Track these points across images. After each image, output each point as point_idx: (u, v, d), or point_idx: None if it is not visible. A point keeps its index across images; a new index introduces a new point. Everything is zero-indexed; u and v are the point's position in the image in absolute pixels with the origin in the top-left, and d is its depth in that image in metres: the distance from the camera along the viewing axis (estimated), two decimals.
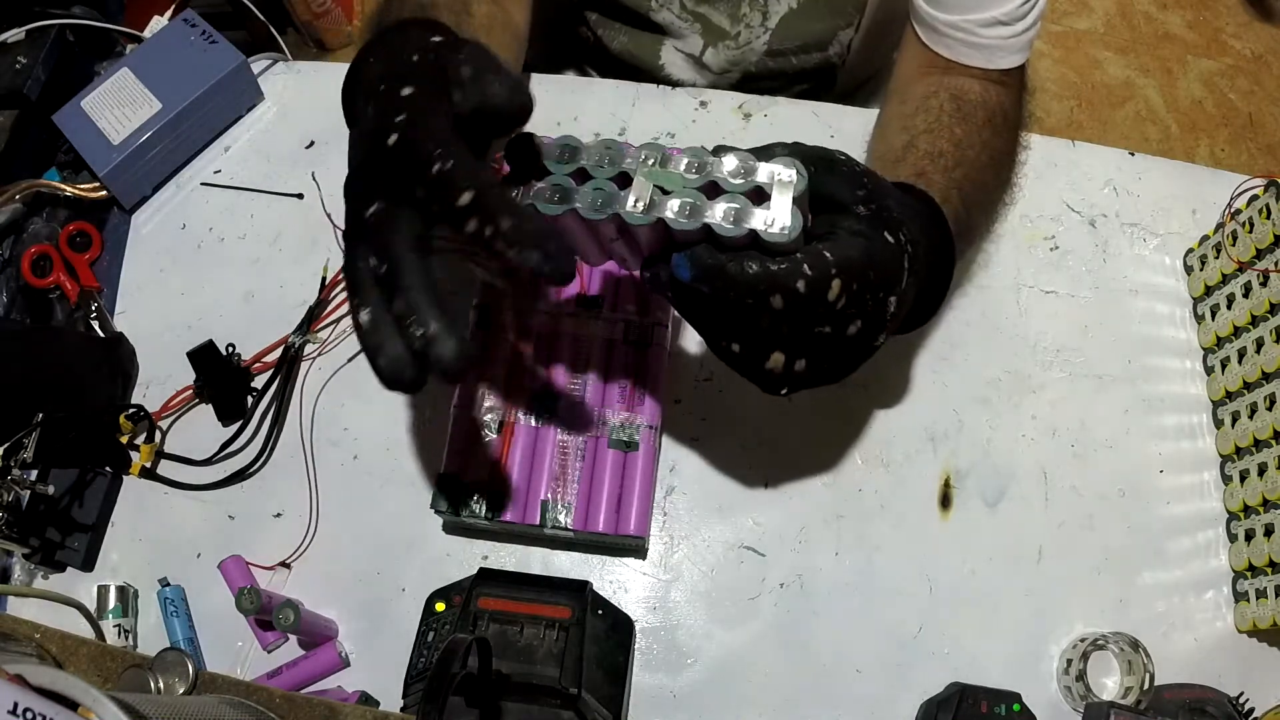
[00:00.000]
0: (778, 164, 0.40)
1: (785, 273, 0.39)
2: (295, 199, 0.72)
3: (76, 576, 0.60)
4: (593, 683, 0.51)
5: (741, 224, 0.39)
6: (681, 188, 0.40)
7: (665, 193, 0.40)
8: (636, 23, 0.77)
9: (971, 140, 0.57)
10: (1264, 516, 0.59)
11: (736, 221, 0.39)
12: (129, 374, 0.66)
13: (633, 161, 0.41)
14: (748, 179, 0.40)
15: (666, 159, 0.40)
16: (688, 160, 0.40)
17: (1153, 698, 0.56)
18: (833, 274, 0.40)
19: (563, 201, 0.40)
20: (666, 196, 0.40)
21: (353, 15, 1.78)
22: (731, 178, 0.40)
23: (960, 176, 0.54)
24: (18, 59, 0.69)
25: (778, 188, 0.40)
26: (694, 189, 0.40)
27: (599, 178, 0.41)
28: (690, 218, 0.39)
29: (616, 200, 0.40)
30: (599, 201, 0.40)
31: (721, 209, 0.39)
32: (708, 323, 0.44)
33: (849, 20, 0.77)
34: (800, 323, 0.41)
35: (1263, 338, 0.61)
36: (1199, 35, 1.87)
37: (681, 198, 0.40)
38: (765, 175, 0.40)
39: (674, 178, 0.40)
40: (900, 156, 0.55)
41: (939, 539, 0.62)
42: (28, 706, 0.28)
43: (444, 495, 0.57)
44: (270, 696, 0.42)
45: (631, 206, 0.40)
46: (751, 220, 0.39)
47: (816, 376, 0.45)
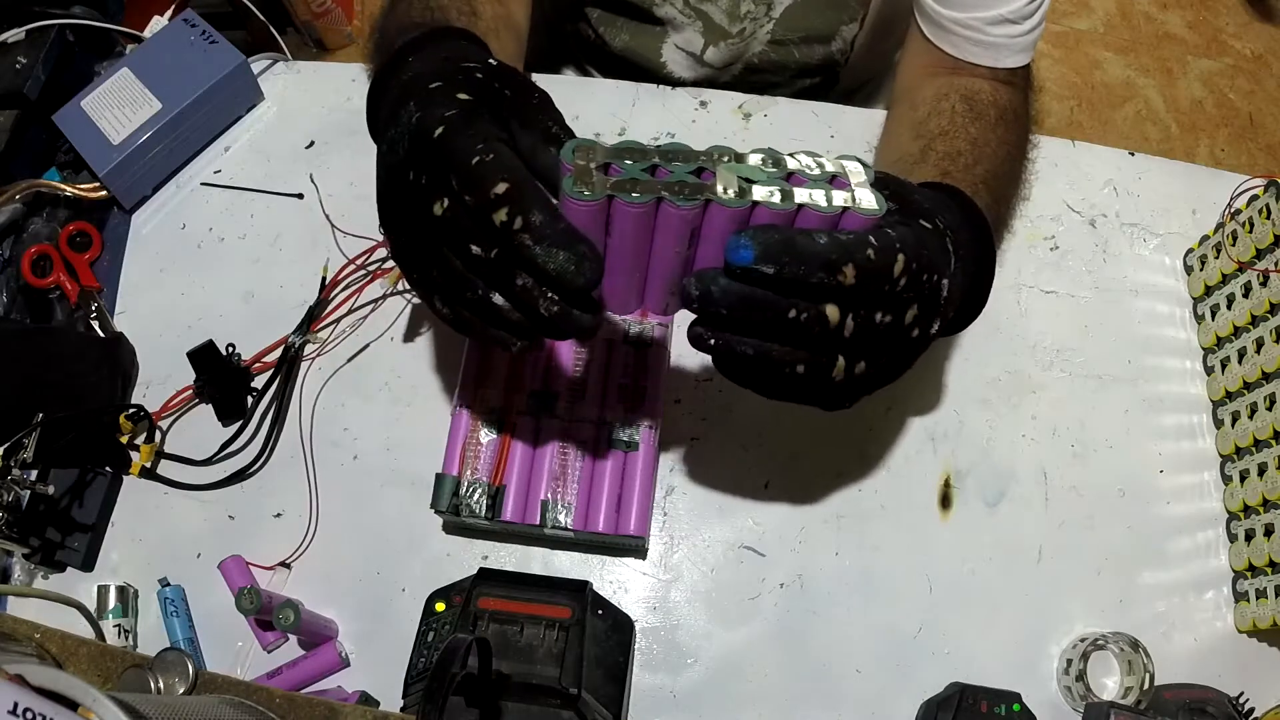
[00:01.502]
0: (845, 158, 0.42)
1: (855, 242, 0.38)
2: (295, 199, 0.72)
3: (76, 576, 0.60)
4: (593, 683, 0.51)
5: (834, 203, 0.39)
6: (766, 178, 0.39)
7: (750, 182, 0.39)
8: (639, 17, 0.77)
9: (987, 139, 0.57)
10: (1264, 516, 0.59)
11: (829, 201, 0.39)
12: (129, 374, 0.66)
13: (706, 158, 0.40)
14: (822, 170, 0.41)
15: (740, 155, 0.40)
16: (761, 156, 0.40)
17: (1153, 698, 0.56)
18: (897, 247, 0.39)
19: (646, 192, 0.38)
20: (753, 184, 0.39)
21: (352, 15, 1.78)
22: (810, 169, 0.41)
23: (982, 172, 0.54)
24: (18, 59, 0.69)
25: (852, 175, 0.41)
26: (778, 178, 0.40)
27: (677, 173, 0.39)
28: (784, 200, 0.39)
29: (706, 189, 0.38)
30: (688, 190, 0.38)
31: (810, 191, 0.39)
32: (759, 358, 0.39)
33: (853, 15, 0.77)
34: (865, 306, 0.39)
35: (1263, 338, 0.61)
36: (1199, 35, 1.87)
37: (767, 184, 0.39)
38: (836, 166, 0.41)
39: (755, 170, 0.40)
40: (919, 159, 0.55)
41: (939, 539, 0.62)
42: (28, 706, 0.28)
43: (444, 495, 0.57)
44: (270, 696, 0.42)
45: (723, 193, 0.38)
46: (839, 199, 0.39)
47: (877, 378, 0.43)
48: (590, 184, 0.37)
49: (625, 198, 0.38)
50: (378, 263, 0.67)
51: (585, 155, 0.38)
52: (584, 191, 0.37)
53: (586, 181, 0.38)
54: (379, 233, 0.66)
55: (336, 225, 0.68)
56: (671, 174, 0.39)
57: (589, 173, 0.38)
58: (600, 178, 0.38)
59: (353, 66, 0.78)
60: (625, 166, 0.39)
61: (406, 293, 0.68)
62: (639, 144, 0.40)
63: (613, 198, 0.38)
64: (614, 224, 0.39)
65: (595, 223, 0.39)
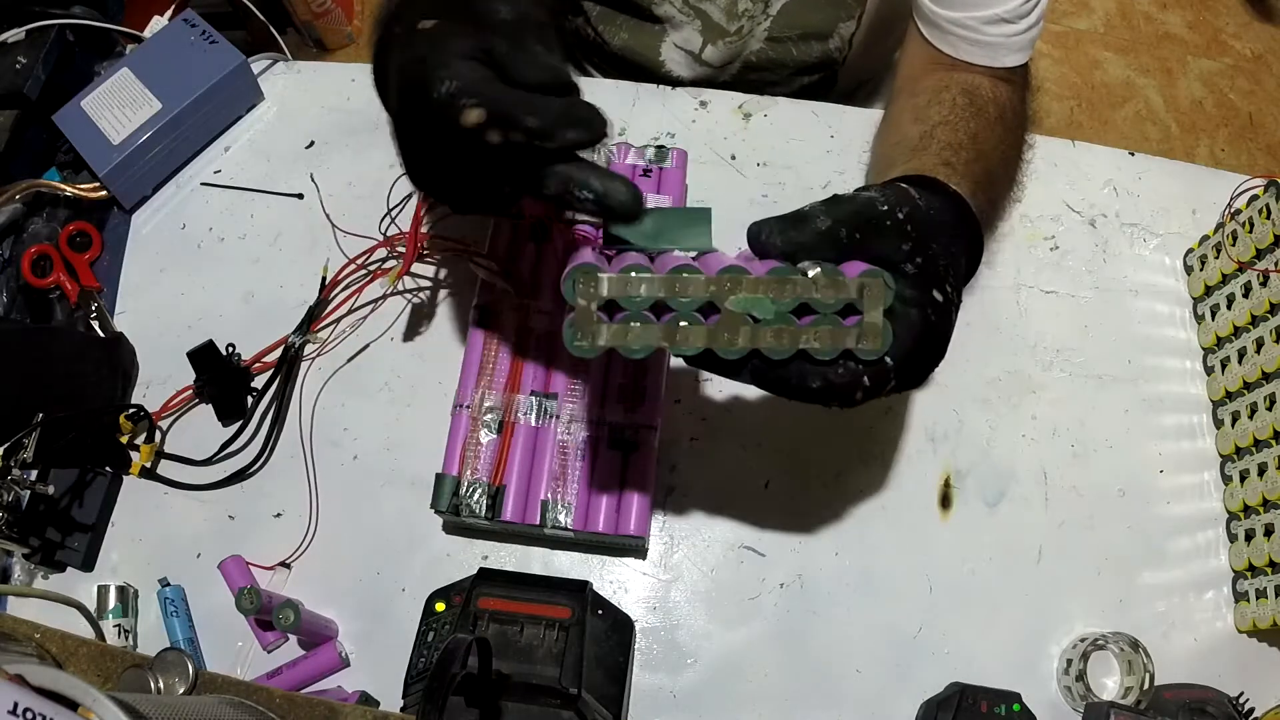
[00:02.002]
0: (869, 276, 0.39)
1: (848, 383, 0.40)
2: (295, 199, 0.72)
3: (76, 576, 0.60)
4: (593, 683, 0.51)
5: (837, 347, 0.39)
6: (773, 314, 0.39)
7: (755, 320, 0.39)
8: (638, 14, 0.77)
9: (986, 136, 0.57)
10: (1264, 516, 0.59)
11: (833, 347, 0.39)
12: (129, 374, 0.66)
13: (716, 288, 0.39)
14: (839, 297, 0.39)
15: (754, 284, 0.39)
16: (774, 283, 0.39)
17: (1153, 698, 0.56)
18: (891, 379, 0.40)
19: (646, 342, 0.39)
20: (758, 326, 0.39)
21: (352, 15, 1.78)
22: (823, 297, 0.39)
23: (980, 171, 0.54)
24: (18, 59, 0.69)
25: (869, 302, 0.39)
26: (785, 312, 0.39)
27: (682, 309, 0.39)
28: (786, 344, 0.39)
29: (707, 336, 0.39)
30: (688, 338, 0.39)
31: (813, 334, 0.39)
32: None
33: (850, 13, 0.77)
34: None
35: (1263, 338, 0.61)
36: (1199, 35, 1.87)
37: (773, 325, 0.39)
38: (855, 289, 0.39)
39: (763, 304, 0.39)
40: (919, 145, 0.55)
41: (939, 539, 0.62)
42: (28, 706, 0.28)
43: (444, 495, 0.57)
44: (270, 696, 0.42)
45: (724, 342, 0.39)
46: (845, 342, 0.39)
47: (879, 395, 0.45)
48: (591, 334, 0.39)
49: (625, 351, 0.39)
50: (378, 263, 0.67)
51: (588, 291, 0.39)
52: (584, 346, 0.39)
53: (587, 331, 0.39)
54: (379, 232, 0.66)
55: (336, 225, 0.68)
56: (677, 312, 0.39)
57: (590, 317, 0.39)
58: (601, 327, 0.39)
59: (353, 66, 0.78)
60: (630, 304, 0.39)
61: (406, 293, 0.68)
62: (646, 268, 0.39)
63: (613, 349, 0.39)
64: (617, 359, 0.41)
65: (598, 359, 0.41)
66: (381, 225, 0.66)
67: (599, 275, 0.39)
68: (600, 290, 0.39)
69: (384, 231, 0.66)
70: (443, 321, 0.68)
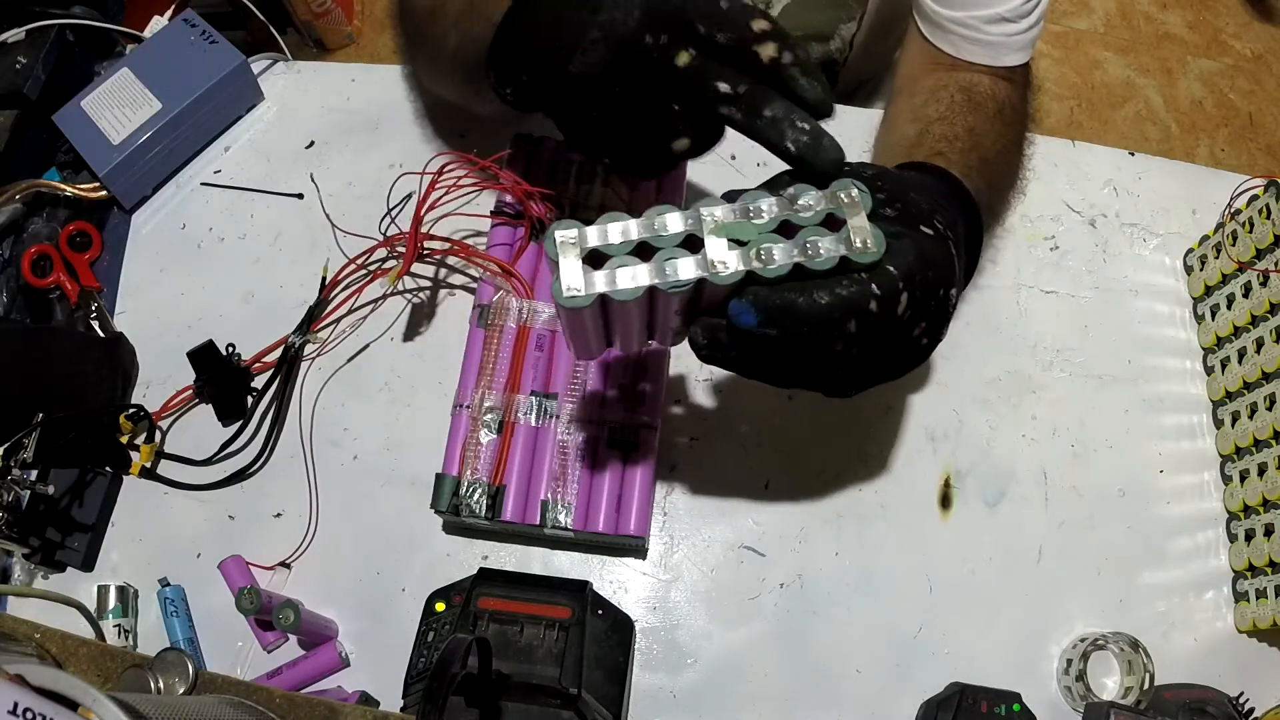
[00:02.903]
0: (838, 185, 0.39)
1: (857, 294, 0.38)
2: (295, 199, 0.72)
3: (76, 576, 0.60)
4: (593, 683, 0.51)
5: (832, 256, 0.37)
6: (757, 235, 0.38)
7: (741, 244, 0.38)
8: None
9: (984, 129, 0.57)
10: (1264, 516, 0.59)
11: (826, 256, 0.37)
12: (129, 374, 0.66)
13: (694, 222, 0.38)
14: (818, 209, 0.38)
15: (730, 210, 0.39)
16: (750, 205, 0.39)
17: (1153, 698, 0.56)
18: (900, 287, 0.39)
19: (635, 283, 0.38)
20: (745, 247, 0.38)
21: (352, 15, 1.78)
22: (803, 211, 0.38)
23: (976, 160, 0.54)
24: (18, 59, 0.69)
25: (849, 210, 0.38)
26: (769, 232, 0.38)
27: (665, 247, 0.38)
28: (779, 261, 0.37)
29: (696, 266, 0.38)
30: (678, 271, 0.38)
31: (804, 245, 0.38)
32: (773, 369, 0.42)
33: (851, 14, 0.77)
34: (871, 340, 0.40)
35: (1263, 338, 0.61)
36: (1199, 35, 1.87)
37: (760, 244, 0.38)
38: (832, 200, 0.39)
39: (746, 227, 0.38)
40: (915, 143, 0.55)
41: (939, 539, 0.62)
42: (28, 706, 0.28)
43: (444, 495, 0.57)
44: (270, 696, 0.42)
45: (716, 267, 0.37)
46: (838, 249, 0.38)
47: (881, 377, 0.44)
48: (580, 284, 0.38)
49: (617, 294, 0.38)
50: (378, 263, 0.67)
51: (571, 245, 0.38)
52: (575, 297, 0.38)
53: (576, 281, 0.38)
54: (379, 232, 0.66)
55: (336, 225, 0.68)
56: (660, 250, 0.38)
57: (576, 268, 0.38)
58: (588, 275, 0.38)
59: (353, 66, 0.78)
60: (612, 249, 0.38)
61: (406, 293, 0.68)
62: (621, 216, 0.39)
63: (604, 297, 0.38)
64: (611, 309, 0.40)
65: (591, 313, 0.39)
66: (381, 225, 0.66)
67: (579, 228, 0.39)
68: (583, 241, 0.38)
69: (384, 231, 0.66)
70: (443, 321, 0.68)
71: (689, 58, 0.41)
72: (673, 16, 0.41)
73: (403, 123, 0.74)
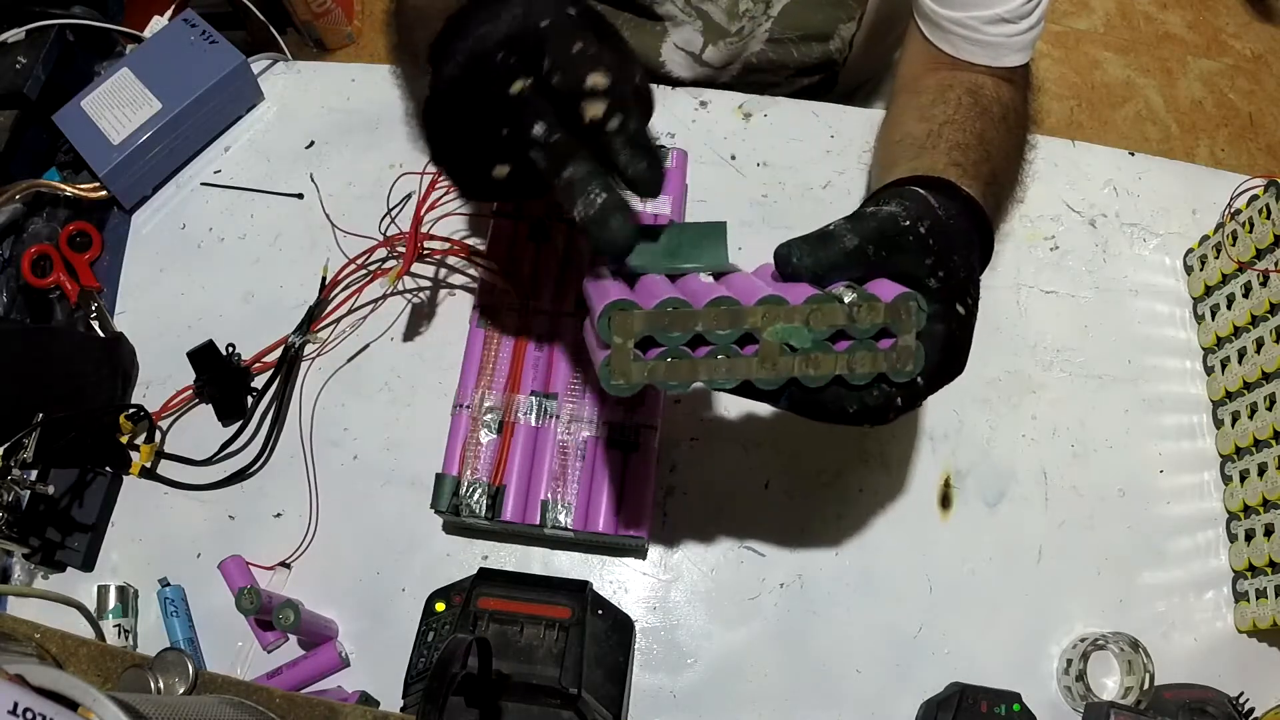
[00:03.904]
0: (900, 301, 0.39)
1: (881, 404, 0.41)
2: (295, 199, 0.72)
3: (76, 576, 0.60)
4: (593, 683, 0.51)
5: (871, 373, 0.39)
6: (811, 343, 0.39)
7: (792, 349, 0.39)
8: (640, 13, 0.77)
9: (992, 136, 0.57)
10: (1264, 516, 0.59)
11: (870, 369, 0.39)
12: (129, 374, 0.66)
13: (752, 319, 0.38)
14: (874, 322, 0.39)
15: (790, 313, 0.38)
16: (811, 311, 0.38)
17: (1153, 698, 0.56)
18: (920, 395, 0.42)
19: (685, 378, 0.38)
20: (794, 355, 0.39)
21: (352, 15, 1.78)
22: (859, 323, 0.39)
23: (988, 172, 0.54)
24: (18, 59, 0.69)
25: (903, 326, 0.39)
26: (822, 340, 0.39)
27: (720, 344, 0.38)
28: (819, 371, 0.39)
29: (744, 368, 0.39)
30: (724, 371, 0.38)
31: (852, 358, 0.39)
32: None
33: (851, 14, 0.77)
34: None
35: (1263, 338, 0.61)
36: (1199, 35, 1.87)
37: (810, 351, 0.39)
38: (889, 314, 0.39)
39: (801, 334, 0.39)
40: (926, 143, 0.55)
41: (939, 539, 0.62)
42: (28, 706, 0.28)
43: (444, 495, 0.57)
44: (270, 696, 0.42)
45: (760, 372, 0.39)
46: (879, 366, 0.39)
47: None
48: (628, 373, 0.38)
49: (663, 387, 0.38)
50: (378, 263, 0.67)
51: (624, 329, 0.38)
52: (621, 385, 0.38)
53: (624, 370, 0.38)
54: (379, 232, 0.66)
55: (336, 225, 0.68)
56: (714, 345, 0.38)
57: (626, 354, 0.38)
58: (638, 364, 0.38)
59: (353, 66, 0.78)
60: (666, 339, 0.38)
61: (406, 293, 0.68)
62: (683, 302, 0.38)
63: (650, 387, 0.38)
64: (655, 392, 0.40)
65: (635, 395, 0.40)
66: (381, 225, 0.66)
67: (634, 312, 0.38)
68: (635, 327, 0.38)
69: (384, 231, 0.66)
70: (443, 321, 0.68)
71: (521, 87, 0.39)
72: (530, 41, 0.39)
73: (403, 123, 0.74)
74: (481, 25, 0.41)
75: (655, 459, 0.59)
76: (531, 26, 0.40)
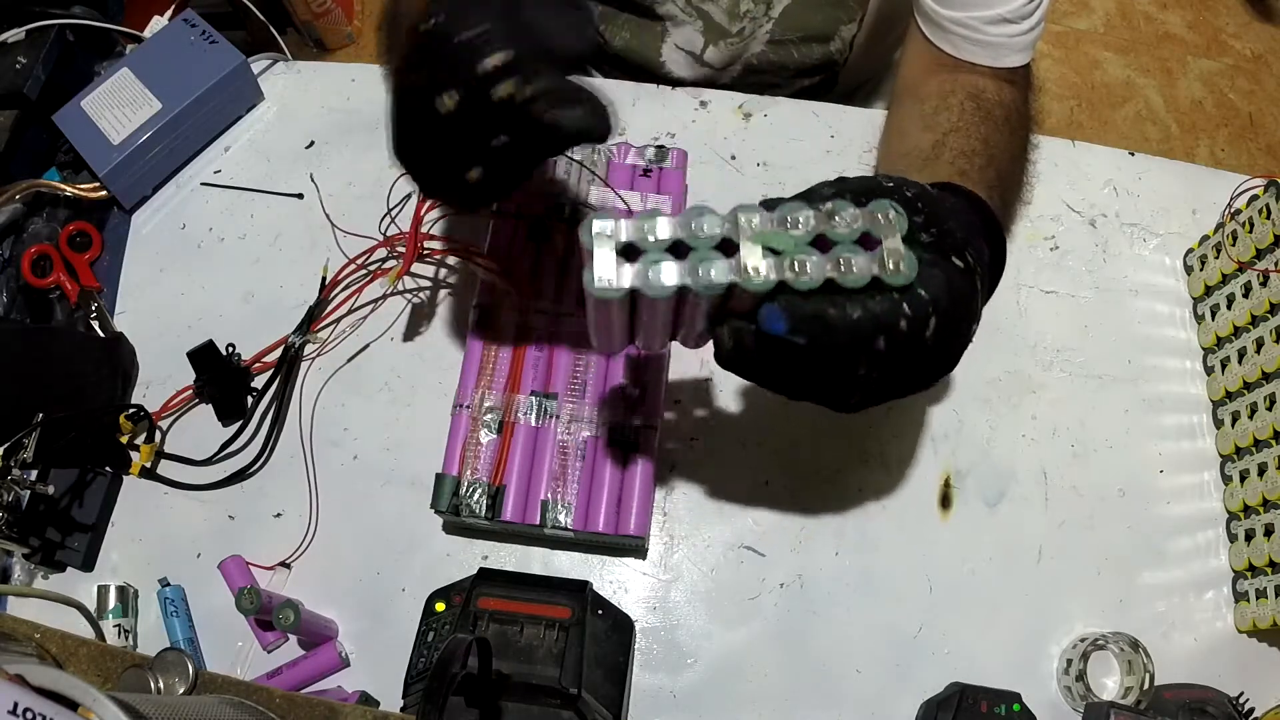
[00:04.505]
0: (876, 205, 0.38)
1: (889, 311, 0.37)
2: (295, 199, 0.72)
3: (76, 576, 0.60)
4: (593, 683, 0.51)
5: (865, 274, 0.37)
6: (793, 246, 0.38)
7: (775, 252, 0.38)
8: (641, 13, 0.77)
9: (996, 139, 0.57)
10: (1264, 516, 0.59)
11: (859, 273, 0.37)
12: (129, 374, 0.66)
13: (731, 226, 0.38)
14: (853, 226, 0.38)
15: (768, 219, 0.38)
16: (789, 216, 0.38)
17: (1153, 698, 0.56)
18: (930, 311, 0.38)
19: (667, 280, 0.38)
20: (780, 257, 0.37)
21: (352, 15, 1.78)
22: (839, 227, 0.38)
23: (994, 175, 0.54)
24: (18, 59, 0.69)
25: (885, 230, 0.38)
26: (805, 244, 0.38)
27: (700, 248, 0.38)
28: (810, 275, 0.37)
29: (729, 270, 0.37)
30: (710, 273, 0.37)
31: (838, 261, 0.37)
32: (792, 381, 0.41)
33: (851, 15, 0.77)
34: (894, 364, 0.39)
35: (1263, 338, 0.61)
36: (1199, 35, 1.87)
37: (795, 255, 0.37)
38: (869, 219, 0.38)
39: (782, 237, 0.38)
40: (932, 155, 0.55)
41: (939, 539, 0.62)
42: (28, 706, 0.28)
43: (444, 495, 0.57)
44: (270, 696, 0.42)
45: (749, 273, 0.37)
46: (871, 268, 0.37)
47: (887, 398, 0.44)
48: (611, 276, 0.38)
49: (647, 290, 0.38)
50: (378, 263, 0.67)
51: (607, 236, 0.38)
52: (607, 288, 0.38)
53: (608, 274, 0.38)
54: (379, 232, 0.66)
55: (336, 225, 0.68)
56: (695, 250, 0.38)
57: (610, 260, 0.38)
58: (622, 268, 0.38)
59: (353, 66, 0.78)
60: (647, 245, 0.38)
61: (406, 293, 0.68)
62: (661, 213, 0.38)
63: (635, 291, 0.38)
64: (640, 305, 0.39)
65: (620, 306, 0.39)
66: (381, 225, 0.66)
67: (616, 220, 0.38)
68: (619, 234, 0.38)
69: (384, 231, 0.66)
70: (443, 321, 0.68)
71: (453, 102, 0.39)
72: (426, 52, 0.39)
73: None
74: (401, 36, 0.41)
75: (655, 459, 0.59)
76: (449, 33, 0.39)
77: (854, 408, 0.43)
